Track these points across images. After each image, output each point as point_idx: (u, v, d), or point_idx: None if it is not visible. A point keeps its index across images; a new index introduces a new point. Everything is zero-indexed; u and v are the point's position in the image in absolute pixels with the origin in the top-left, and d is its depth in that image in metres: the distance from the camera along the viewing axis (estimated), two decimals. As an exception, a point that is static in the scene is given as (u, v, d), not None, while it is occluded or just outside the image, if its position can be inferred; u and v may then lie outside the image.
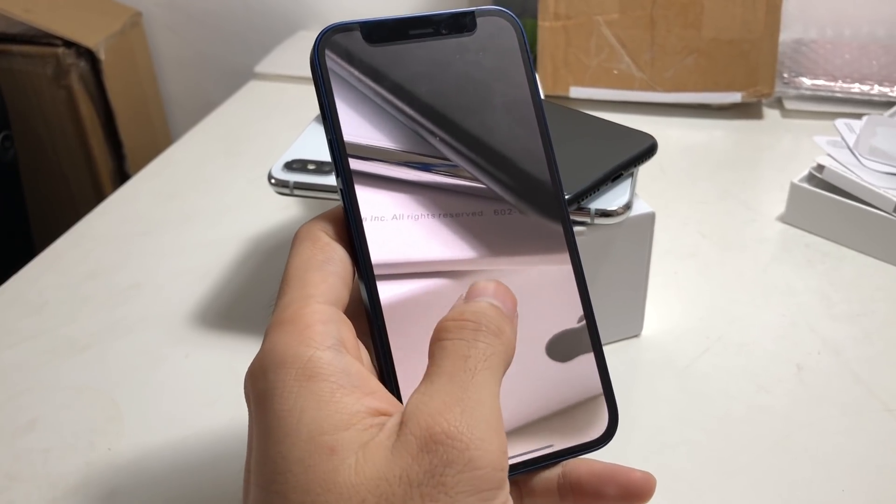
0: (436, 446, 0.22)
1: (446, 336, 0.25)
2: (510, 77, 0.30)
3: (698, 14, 0.78)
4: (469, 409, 0.23)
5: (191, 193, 0.70)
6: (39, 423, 0.46)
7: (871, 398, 0.46)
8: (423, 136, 0.29)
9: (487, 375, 0.24)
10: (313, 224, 0.28)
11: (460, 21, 0.29)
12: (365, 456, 0.22)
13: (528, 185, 0.29)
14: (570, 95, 0.81)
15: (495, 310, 0.26)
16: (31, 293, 0.57)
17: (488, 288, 0.26)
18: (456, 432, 0.22)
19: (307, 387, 0.23)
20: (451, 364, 0.24)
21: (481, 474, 0.22)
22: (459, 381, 0.24)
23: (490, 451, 0.22)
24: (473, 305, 0.26)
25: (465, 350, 0.24)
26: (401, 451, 0.22)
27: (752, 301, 0.55)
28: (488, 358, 0.24)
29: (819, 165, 0.62)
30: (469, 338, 0.25)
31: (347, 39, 0.28)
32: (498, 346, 0.25)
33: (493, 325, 0.25)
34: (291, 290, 0.26)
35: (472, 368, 0.24)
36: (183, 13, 1.13)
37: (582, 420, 0.29)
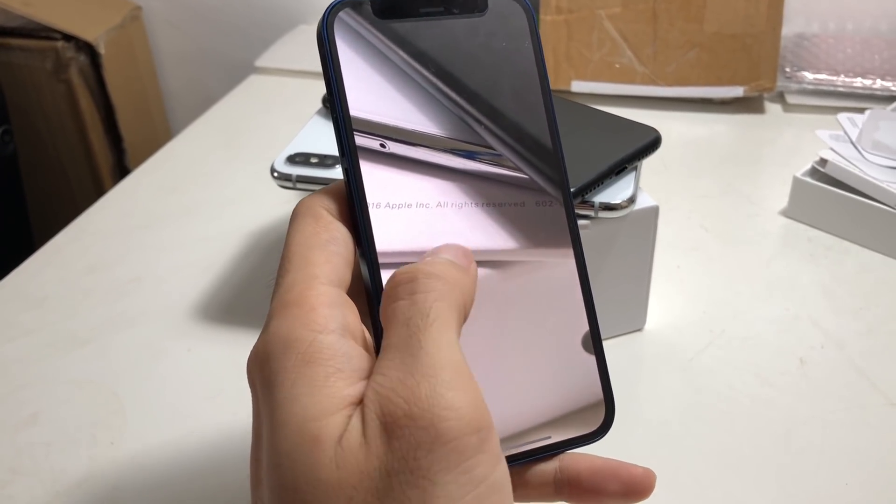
0: (400, 430, 0.21)
1: (385, 302, 0.24)
2: (519, 61, 0.29)
3: (700, 8, 0.78)
4: (424, 379, 0.21)
5: (191, 187, 0.69)
6: (41, 417, 0.46)
7: (873, 392, 0.46)
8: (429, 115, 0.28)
9: (436, 329, 0.22)
10: (314, 200, 0.27)
11: (472, 1, 0.29)
12: (343, 447, 0.21)
13: (532, 173, 0.29)
14: (571, 89, 0.81)
15: (431, 260, 0.24)
16: (31, 287, 0.57)
17: (436, 250, 0.26)
18: (416, 411, 0.21)
19: (304, 372, 0.23)
20: (395, 332, 0.23)
21: (453, 446, 0.21)
22: (408, 350, 0.22)
23: (457, 419, 0.21)
24: (422, 263, 0.24)
25: (405, 311, 0.23)
26: (372, 441, 0.21)
27: (755, 295, 0.55)
28: (432, 308, 0.23)
29: (822, 159, 0.62)
30: (405, 294, 0.23)
31: (356, 13, 0.28)
32: (441, 289, 0.23)
33: (430, 270, 0.24)
34: (295, 270, 0.25)
35: (416, 330, 0.22)
36: (183, 7, 1.13)
37: (579, 412, 0.28)
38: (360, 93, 0.28)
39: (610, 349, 0.51)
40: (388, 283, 0.24)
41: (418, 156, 0.28)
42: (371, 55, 0.28)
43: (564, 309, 0.29)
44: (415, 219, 0.27)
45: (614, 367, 0.29)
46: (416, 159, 0.28)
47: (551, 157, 0.29)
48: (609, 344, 0.50)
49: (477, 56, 0.29)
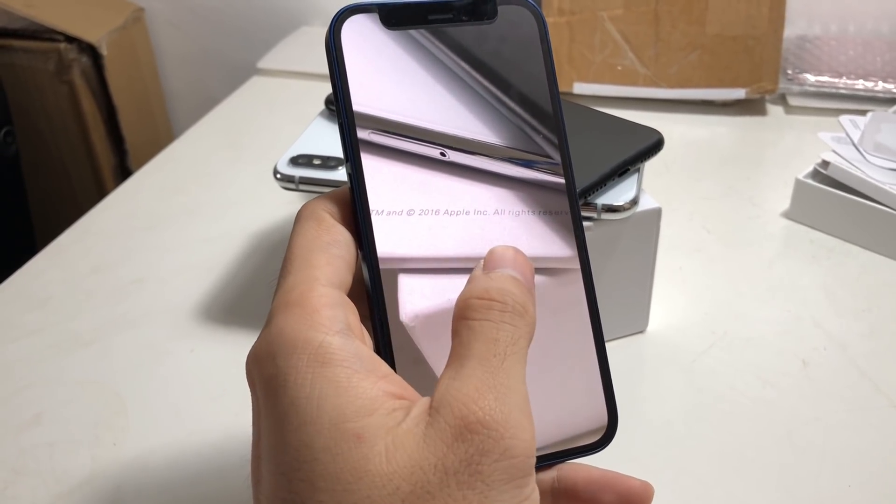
0: (471, 435, 0.22)
1: (472, 315, 0.25)
2: (529, 68, 0.29)
3: (702, 10, 0.78)
4: (502, 396, 0.23)
5: (194, 188, 0.70)
6: (44, 418, 0.46)
7: (876, 393, 0.46)
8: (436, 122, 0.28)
9: (515, 360, 0.24)
10: (317, 203, 0.28)
11: (481, 8, 0.29)
12: (395, 443, 0.22)
13: (540, 179, 0.29)
14: (573, 91, 0.81)
15: (518, 285, 0.25)
16: (34, 288, 0.57)
17: (507, 256, 0.26)
18: (491, 421, 0.22)
19: (322, 373, 0.23)
20: (480, 347, 0.24)
21: (516, 462, 0.22)
22: (490, 367, 0.23)
23: (523, 440, 0.23)
24: (497, 281, 0.25)
25: (493, 333, 0.24)
26: (434, 439, 0.22)
27: (757, 296, 0.55)
28: (516, 342, 0.24)
29: (824, 161, 0.62)
30: (496, 319, 0.24)
31: (364, 21, 0.28)
32: (523, 328, 0.25)
33: (518, 305, 0.25)
34: (296, 272, 0.26)
35: (501, 353, 0.24)
36: (185, 8, 1.13)
37: (581, 422, 0.28)
38: (365, 100, 0.28)
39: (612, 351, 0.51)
40: (475, 296, 0.25)
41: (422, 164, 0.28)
42: (378, 63, 0.28)
43: (569, 318, 0.29)
44: (417, 224, 0.28)
45: (616, 368, 0.29)
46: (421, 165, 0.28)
47: (559, 164, 0.29)
48: (611, 346, 0.50)
49: (486, 63, 0.29)
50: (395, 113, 0.28)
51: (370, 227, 0.27)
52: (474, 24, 0.29)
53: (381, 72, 0.28)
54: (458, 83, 0.29)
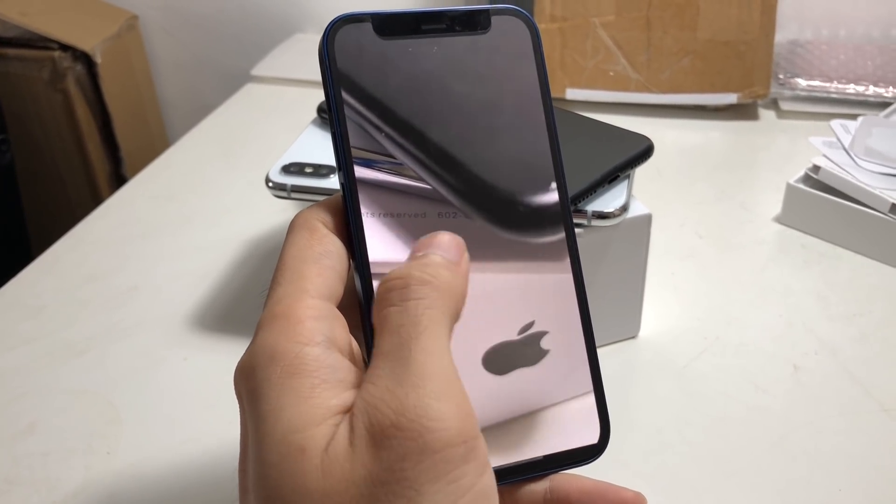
0: (388, 441, 0.21)
1: (377, 307, 0.24)
2: (522, 79, 0.29)
3: (694, 16, 0.78)
4: (412, 389, 0.21)
5: (189, 196, 0.70)
6: (38, 427, 0.46)
7: (867, 398, 0.47)
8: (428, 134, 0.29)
9: (427, 337, 0.22)
10: (311, 213, 0.27)
11: (474, 19, 0.29)
12: (329, 456, 0.21)
13: (532, 190, 0.29)
14: (566, 97, 0.82)
15: (424, 259, 0.24)
16: (29, 297, 0.57)
17: (423, 241, 0.25)
18: (404, 421, 0.21)
19: (289, 383, 0.23)
20: (386, 340, 0.23)
21: (440, 457, 0.21)
22: (398, 358, 0.22)
23: (444, 429, 0.21)
24: (402, 267, 0.24)
25: (397, 318, 0.23)
26: (359, 450, 0.21)
27: (749, 301, 0.55)
28: (423, 315, 0.23)
29: (815, 166, 0.62)
30: (397, 300, 0.23)
31: (357, 30, 0.28)
32: (431, 296, 0.23)
33: (421, 274, 0.23)
34: (286, 283, 0.25)
35: (407, 338, 0.22)
36: (179, 16, 1.13)
37: (573, 432, 0.28)
38: (358, 109, 0.28)
39: (604, 356, 0.51)
40: (380, 288, 0.24)
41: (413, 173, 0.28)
42: (371, 72, 0.28)
43: (561, 328, 0.29)
44: (411, 232, 0.28)
45: (608, 374, 0.30)
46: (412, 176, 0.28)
47: (551, 174, 0.29)
48: (603, 351, 0.50)
49: (479, 74, 0.29)
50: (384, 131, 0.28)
51: (363, 237, 0.27)
52: (468, 34, 0.29)
53: (374, 81, 0.28)
54: (452, 93, 0.29)
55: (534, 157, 0.29)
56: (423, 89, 0.28)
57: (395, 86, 0.28)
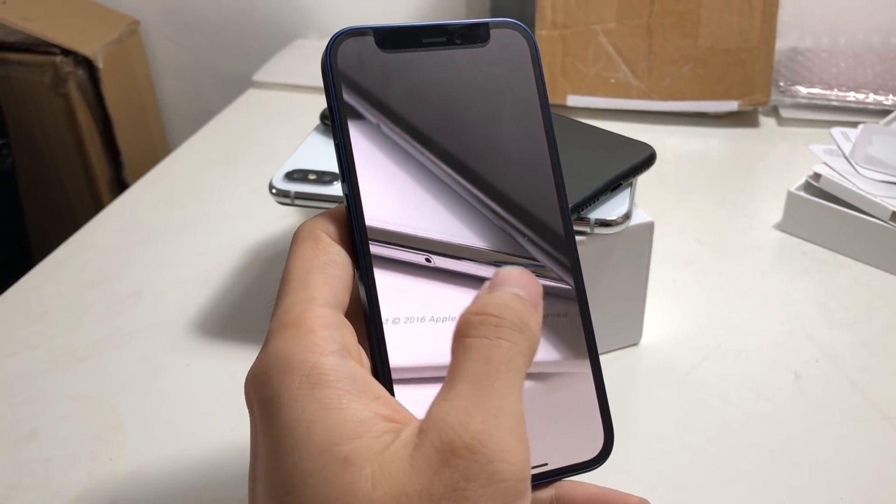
0: (457, 460, 0.21)
1: (468, 332, 0.24)
2: (521, 92, 0.30)
3: (695, 23, 0.79)
4: (491, 418, 0.22)
5: (190, 202, 0.70)
6: (40, 433, 0.46)
7: (868, 406, 0.47)
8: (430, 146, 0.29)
9: (510, 378, 0.23)
10: (314, 224, 0.28)
11: (474, 32, 0.29)
12: (382, 467, 0.22)
13: (532, 203, 0.29)
14: (567, 104, 0.82)
15: (519, 301, 0.25)
16: (31, 302, 0.57)
17: (512, 276, 0.25)
18: (478, 445, 0.22)
19: (313, 394, 0.23)
20: (473, 367, 0.23)
21: (505, 487, 0.22)
22: (481, 387, 0.23)
23: (513, 463, 0.22)
24: (496, 297, 0.24)
25: (487, 351, 0.23)
26: (421, 464, 0.22)
27: (750, 309, 0.55)
28: (512, 358, 0.23)
29: (815, 174, 0.62)
30: (491, 335, 0.24)
31: (359, 44, 0.28)
32: (521, 344, 0.24)
33: (516, 319, 0.24)
34: (293, 292, 0.26)
35: (494, 372, 0.23)
36: (181, 21, 1.13)
37: (577, 439, 0.28)
38: (361, 122, 0.28)
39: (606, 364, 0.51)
40: (472, 314, 0.24)
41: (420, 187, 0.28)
42: (373, 85, 0.28)
43: (565, 336, 0.29)
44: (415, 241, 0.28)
45: (610, 381, 0.30)
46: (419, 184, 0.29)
47: (552, 188, 0.29)
48: (605, 358, 0.50)
49: (479, 87, 0.29)
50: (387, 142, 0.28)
51: (367, 247, 0.27)
52: (467, 47, 0.29)
53: (376, 94, 0.28)
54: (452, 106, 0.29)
55: (534, 168, 0.29)
56: (424, 102, 0.29)
57: (397, 98, 0.28)
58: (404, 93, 0.29)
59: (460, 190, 0.29)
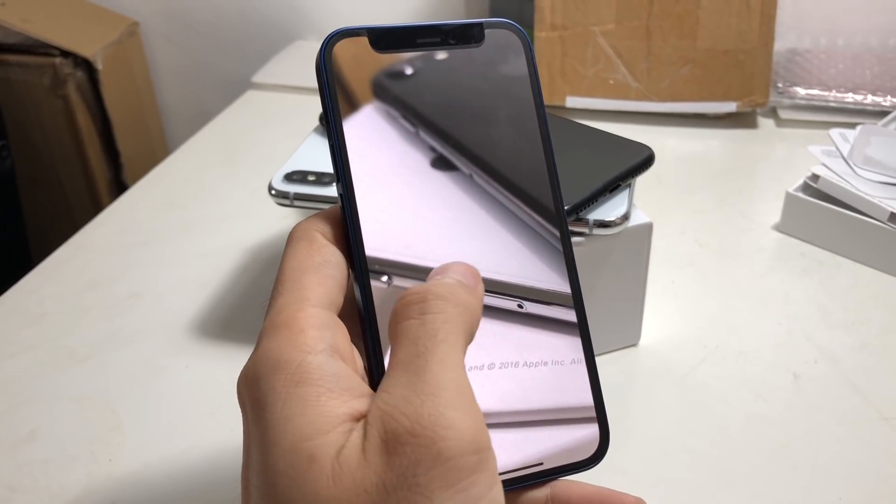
0: (402, 447, 0.21)
1: (395, 321, 0.24)
2: (516, 92, 0.30)
3: (693, 25, 0.79)
4: (428, 398, 0.22)
5: (190, 203, 0.70)
6: (40, 434, 0.46)
7: (867, 407, 0.47)
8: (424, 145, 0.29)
9: (443, 350, 0.23)
10: (309, 224, 0.28)
11: (468, 32, 0.29)
12: (340, 463, 0.22)
13: (528, 201, 0.29)
14: (566, 105, 0.82)
15: (444, 283, 0.25)
16: (30, 303, 0.57)
17: (447, 267, 0.26)
18: (419, 429, 0.21)
19: (295, 392, 0.23)
20: (403, 351, 0.23)
21: (452, 465, 0.21)
22: (414, 368, 0.23)
23: (457, 438, 0.21)
24: (422, 284, 0.25)
25: (413, 331, 0.23)
26: (372, 457, 0.22)
27: (749, 310, 0.55)
28: (441, 329, 0.23)
29: (814, 175, 0.62)
30: (416, 315, 0.24)
31: (354, 44, 0.28)
32: (450, 311, 0.24)
33: (441, 291, 0.24)
34: (286, 292, 0.26)
35: (423, 350, 0.23)
36: (180, 23, 1.13)
37: (573, 439, 0.28)
38: (356, 122, 0.28)
39: (605, 365, 0.51)
40: (399, 302, 0.24)
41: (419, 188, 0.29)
42: (368, 85, 0.28)
43: (560, 337, 0.29)
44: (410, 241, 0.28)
45: (609, 382, 0.30)
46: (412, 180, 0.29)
47: (547, 187, 0.29)
48: (604, 359, 0.50)
49: (473, 87, 0.29)
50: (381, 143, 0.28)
51: (361, 247, 0.27)
52: (461, 47, 0.29)
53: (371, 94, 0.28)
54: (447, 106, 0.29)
55: (529, 168, 0.29)
56: (419, 102, 0.29)
57: (391, 98, 0.29)
58: (399, 93, 0.29)
59: (455, 189, 0.29)
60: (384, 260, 0.27)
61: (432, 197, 0.29)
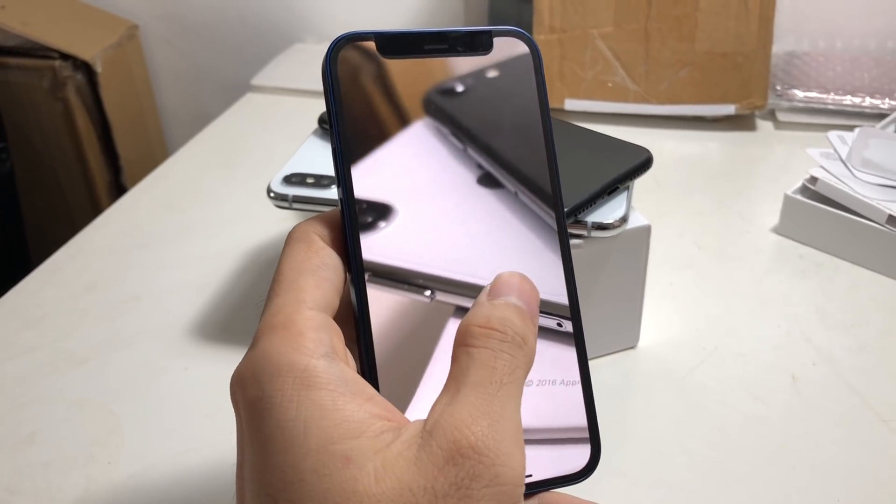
0: (462, 460, 0.22)
1: (472, 343, 0.25)
2: (523, 100, 0.30)
3: (692, 27, 0.79)
4: (495, 423, 0.23)
5: (189, 206, 0.70)
6: (39, 437, 0.46)
7: (865, 408, 0.47)
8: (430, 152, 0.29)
9: (511, 389, 0.24)
10: (308, 226, 0.28)
11: (476, 39, 0.29)
12: (384, 464, 0.22)
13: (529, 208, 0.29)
14: (565, 108, 0.82)
15: (519, 314, 0.26)
16: (30, 306, 0.57)
17: (512, 283, 0.26)
18: (483, 447, 0.23)
19: (307, 396, 0.23)
20: (477, 374, 0.24)
21: (505, 490, 0.23)
22: (486, 394, 0.24)
23: (514, 468, 0.23)
24: (499, 309, 0.25)
25: (491, 361, 0.24)
26: (425, 462, 0.22)
27: (747, 312, 0.55)
28: (513, 371, 0.25)
29: (812, 177, 0.62)
30: (495, 347, 0.25)
31: (361, 49, 0.28)
32: (521, 359, 0.25)
33: (518, 334, 0.25)
34: (283, 293, 0.26)
35: (497, 381, 0.24)
36: (179, 25, 1.14)
37: (564, 451, 0.28)
38: (359, 127, 0.28)
39: (603, 367, 0.51)
40: (481, 323, 0.25)
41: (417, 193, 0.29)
42: (373, 90, 0.28)
43: (554, 346, 0.29)
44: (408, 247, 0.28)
45: (608, 384, 0.30)
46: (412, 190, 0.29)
47: (549, 194, 0.29)
48: (602, 361, 0.50)
49: (481, 95, 0.29)
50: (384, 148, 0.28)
51: (359, 251, 0.27)
52: (469, 54, 0.29)
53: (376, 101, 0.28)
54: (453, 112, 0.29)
55: (533, 176, 0.29)
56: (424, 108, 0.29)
57: (397, 104, 0.29)
58: (404, 99, 0.29)
59: (458, 196, 0.29)
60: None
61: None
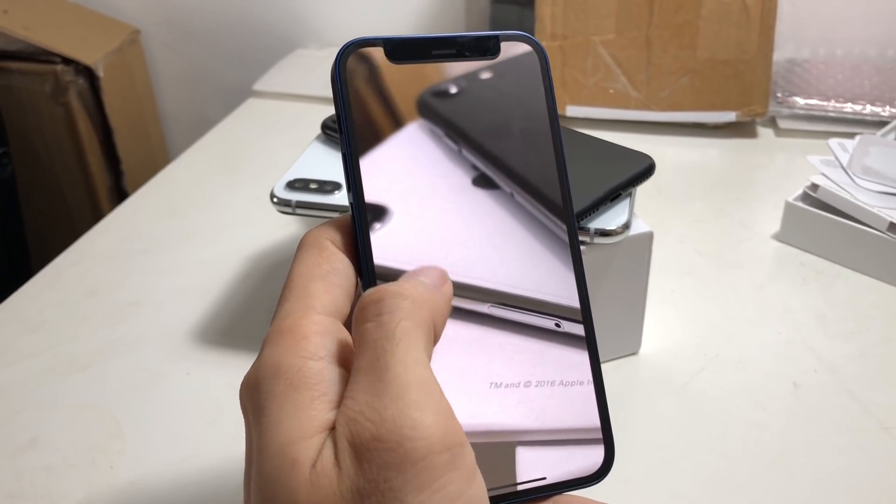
0: (369, 453, 0.21)
1: (354, 325, 0.24)
2: (530, 105, 0.30)
3: (693, 35, 0.79)
4: (391, 401, 0.21)
5: (190, 211, 0.70)
6: (40, 442, 0.46)
7: (866, 416, 0.47)
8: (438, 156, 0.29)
9: (402, 349, 0.22)
10: (320, 231, 0.28)
11: (484, 44, 0.29)
12: (317, 469, 0.22)
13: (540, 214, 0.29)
14: (566, 114, 0.82)
15: (396, 283, 0.24)
16: (31, 311, 0.57)
17: (410, 272, 0.26)
18: (383, 433, 0.21)
19: (291, 396, 0.23)
20: (363, 356, 0.23)
21: (422, 466, 0.21)
22: (375, 371, 0.22)
23: (424, 438, 0.21)
24: (373, 291, 0.24)
25: (371, 334, 0.23)
26: (344, 463, 0.22)
27: (748, 319, 0.55)
28: (397, 328, 0.23)
29: (813, 184, 0.62)
30: (372, 315, 0.23)
31: (369, 55, 0.28)
32: (406, 308, 0.23)
33: (393, 292, 0.24)
34: (293, 299, 0.26)
35: (382, 352, 0.22)
36: (181, 31, 1.14)
37: (577, 454, 0.28)
38: (368, 132, 0.28)
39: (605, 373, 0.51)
40: (357, 306, 0.24)
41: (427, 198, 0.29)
42: (382, 95, 0.28)
43: (568, 351, 0.29)
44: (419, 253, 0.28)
45: (609, 390, 0.30)
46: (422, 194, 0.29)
47: (559, 199, 0.29)
48: (604, 368, 0.50)
49: (488, 99, 0.29)
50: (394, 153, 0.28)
51: (370, 256, 0.27)
52: (477, 59, 0.29)
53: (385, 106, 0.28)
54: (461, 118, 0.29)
55: (542, 180, 0.29)
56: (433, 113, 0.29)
57: (406, 109, 0.29)
58: (413, 104, 0.29)
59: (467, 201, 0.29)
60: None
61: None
